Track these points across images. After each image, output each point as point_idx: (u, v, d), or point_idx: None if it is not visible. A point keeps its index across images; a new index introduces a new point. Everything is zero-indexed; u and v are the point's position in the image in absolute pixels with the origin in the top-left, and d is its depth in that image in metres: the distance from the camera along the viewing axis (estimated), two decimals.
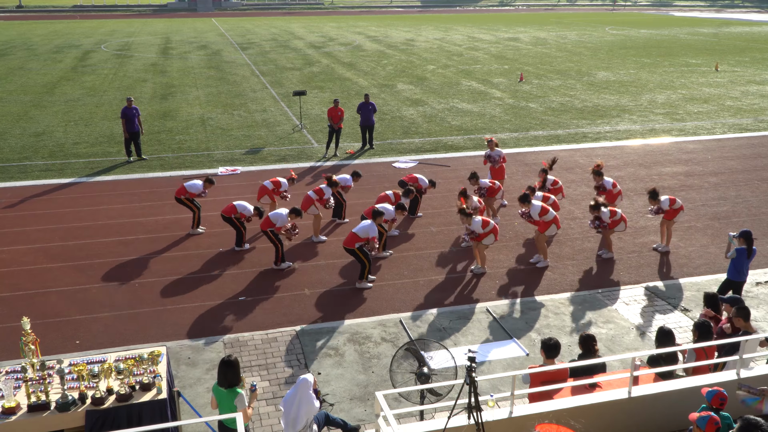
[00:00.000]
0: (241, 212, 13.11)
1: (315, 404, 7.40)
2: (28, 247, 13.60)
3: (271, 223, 12.36)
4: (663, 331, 8.15)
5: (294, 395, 7.38)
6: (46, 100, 27.83)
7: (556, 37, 55.23)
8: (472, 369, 6.15)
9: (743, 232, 10.69)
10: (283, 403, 7.48)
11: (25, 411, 6.93)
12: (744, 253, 10.56)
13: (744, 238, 10.60)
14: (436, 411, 8.44)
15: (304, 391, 7.36)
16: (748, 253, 10.58)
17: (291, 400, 7.39)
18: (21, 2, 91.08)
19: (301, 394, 7.35)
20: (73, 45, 47.23)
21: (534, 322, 10.94)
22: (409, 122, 24.53)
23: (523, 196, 12.91)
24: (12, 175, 18.09)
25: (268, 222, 12.38)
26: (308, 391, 7.38)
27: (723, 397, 6.09)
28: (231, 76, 34.79)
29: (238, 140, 21.74)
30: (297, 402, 7.34)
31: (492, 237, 12.39)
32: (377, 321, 10.96)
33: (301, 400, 7.34)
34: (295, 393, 7.38)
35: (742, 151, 21.13)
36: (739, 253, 10.55)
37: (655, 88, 31.76)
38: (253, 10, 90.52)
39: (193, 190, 13.98)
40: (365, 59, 41.34)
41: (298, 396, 7.35)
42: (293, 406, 7.33)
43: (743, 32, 60.78)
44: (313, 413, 7.44)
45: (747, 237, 10.60)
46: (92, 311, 11.14)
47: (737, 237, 10.68)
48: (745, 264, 10.66)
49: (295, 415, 7.31)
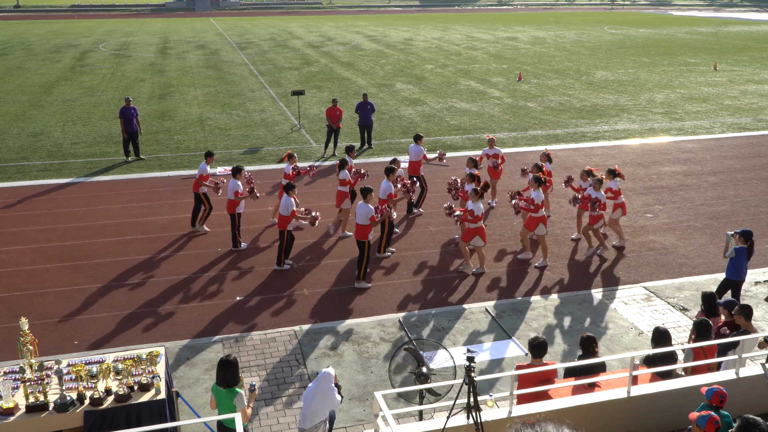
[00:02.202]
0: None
1: (336, 398, 7.36)
2: (26, 247, 13.57)
3: (287, 218, 12.28)
4: (659, 331, 8.14)
5: (315, 388, 7.32)
6: (44, 100, 27.79)
7: (554, 36, 55.24)
8: (471, 369, 6.15)
9: (743, 231, 10.63)
10: (304, 396, 7.44)
11: (23, 411, 6.92)
12: (744, 252, 10.51)
13: (744, 237, 10.54)
14: (435, 411, 8.43)
15: (325, 384, 7.30)
16: (748, 252, 10.56)
17: (312, 394, 7.32)
18: (19, 2, 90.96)
19: (323, 387, 7.29)
20: (71, 45, 47.17)
21: (533, 322, 10.94)
22: (407, 122, 24.52)
23: (537, 177, 12.71)
24: (10, 175, 18.06)
25: (283, 219, 12.33)
26: (330, 384, 7.32)
27: (723, 395, 6.08)
28: (229, 75, 34.76)
29: (236, 140, 21.72)
30: (319, 395, 7.28)
31: (479, 239, 12.31)
32: (376, 321, 10.95)
33: (323, 393, 7.28)
34: (316, 386, 7.32)
35: (741, 150, 21.14)
36: (739, 252, 10.49)
37: (654, 87, 31.77)
38: (251, 10, 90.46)
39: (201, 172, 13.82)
40: (364, 59, 41.33)
41: (320, 389, 7.29)
42: (314, 399, 7.27)
43: (742, 31, 60.83)
44: (334, 407, 7.40)
45: (747, 236, 10.55)
46: (90, 311, 11.12)
47: (736, 236, 10.63)
48: (745, 263, 10.64)
49: (316, 408, 7.25)
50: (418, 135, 15.76)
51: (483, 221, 12.61)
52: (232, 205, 13.17)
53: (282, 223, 12.34)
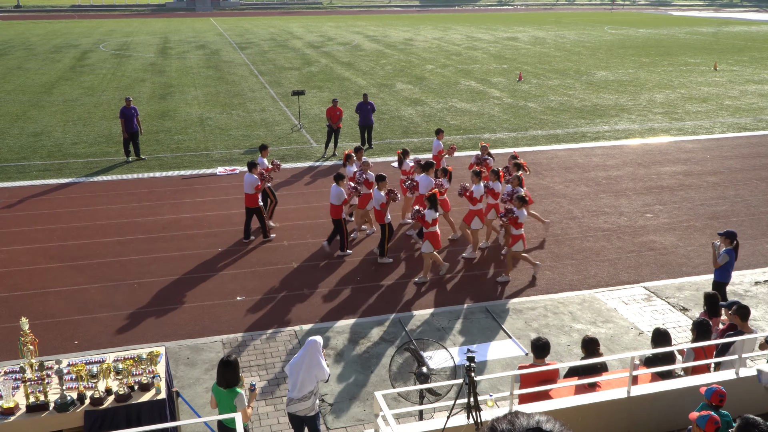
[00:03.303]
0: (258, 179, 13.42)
1: (324, 369, 7.28)
2: (26, 247, 13.58)
3: (339, 207, 12.79)
4: (659, 332, 8.14)
5: (302, 358, 7.26)
6: (45, 100, 27.79)
7: (554, 36, 55.24)
8: (471, 369, 6.15)
9: (727, 232, 10.51)
10: (289, 367, 7.36)
11: (23, 411, 6.92)
12: (732, 253, 10.42)
13: (729, 238, 10.42)
14: (435, 411, 8.44)
15: (313, 353, 7.24)
16: (735, 253, 10.49)
17: (299, 363, 7.25)
18: (19, 2, 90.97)
19: (310, 357, 7.22)
20: (72, 45, 47.18)
21: (533, 322, 10.94)
22: (407, 122, 24.52)
23: (476, 171, 12.78)
24: (10, 175, 18.06)
25: (336, 209, 12.79)
26: (317, 354, 7.24)
27: (722, 394, 6.08)
28: (229, 75, 34.77)
29: (236, 140, 21.73)
30: (305, 365, 7.21)
31: (429, 244, 11.96)
32: (376, 321, 10.95)
33: (309, 363, 7.21)
34: (303, 355, 7.26)
35: (741, 150, 21.14)
36: (728, 254, 10.39)
37: (654, 87, 31.77)
38: (251, 10, 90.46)
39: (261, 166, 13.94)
40: (364, 59, 41.33)
41: (307, 358, 7.21)
42: (301, 369, 7.21)
43: (742, 31, 60.82)
44: (322, 378, 7.30)
45: (732, 237, 10.45)
46: (91, 311, 11.13)
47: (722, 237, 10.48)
48: (732, 264, 10.58)
49: (303, 378, 7.19)
50: (438, 129, 16.03)
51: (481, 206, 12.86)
52: (253, 199, 13.40)
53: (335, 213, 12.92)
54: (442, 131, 15.99)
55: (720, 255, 10.35)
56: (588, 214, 15.61)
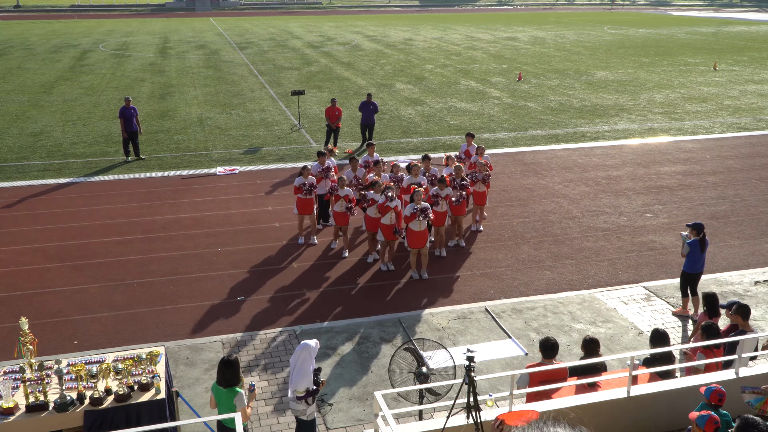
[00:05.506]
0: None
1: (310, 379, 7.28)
2: (26, 247, 13.57)
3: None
4: (658, 333, 8.14)
5: (294, 360, 7.30)
6: (44, 100, 27.78)
7: (554, 36, 55.24)
8: (471, 368, 6.15)
9: (695, 224, 10.93)
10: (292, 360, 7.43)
11: (23, 411, 6.92)
12: (697, 244, 10.76)
13: (696, 230, 10.81)
14: (435, 411, 8.43)
15: (304, 358, 7.26)
16: (701, 244, 10.77)
17: (292, 365, 7.32)
18: (19, 2, 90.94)
19: (300, 362, 7.25)
20: (71, 45, 47.16)
21: (533, 322, 10.94)
22: (407, 122, 24.52)
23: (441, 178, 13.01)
24: (10, 175, 18.06)
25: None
26: (307, 362, 7.24)
27: (721, 393, 6.08)
28: (229, 75, 34.76)
29: (236, 140, 21.73)
30: (296, 369, 7.25)
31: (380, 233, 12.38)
32: (376, 321, 10.95)
33: (299, 368, 7.24)
34: (295, 358, 7.31)
35: (741, 150, 21.14)
36: (692, 245, 10.75)
37: (654, 87, 31.77)
38: (251, 10, 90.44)
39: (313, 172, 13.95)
40: (364, 59, 41.32)
41: (298, 363, 7.26)
42: (293, 371, 7.28)
43: (741, 31, 60.84)
44: (305, 386, 7.30)
45: (699, 229, 10.83)
46: (90, 311, 11.13)
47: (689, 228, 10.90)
48: (700, 256, 10.86)
49: (296, 379, 7.26)
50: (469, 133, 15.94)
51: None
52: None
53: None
54: (472, 135, 15.75)
55: (684, 246, 10.79)
56: (588, 214, 15.61)
